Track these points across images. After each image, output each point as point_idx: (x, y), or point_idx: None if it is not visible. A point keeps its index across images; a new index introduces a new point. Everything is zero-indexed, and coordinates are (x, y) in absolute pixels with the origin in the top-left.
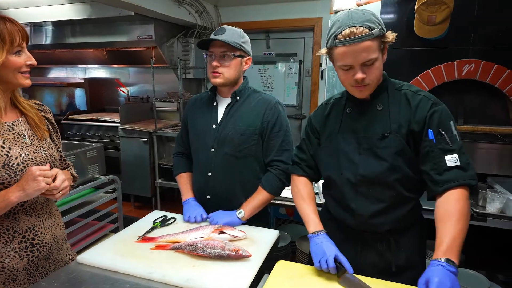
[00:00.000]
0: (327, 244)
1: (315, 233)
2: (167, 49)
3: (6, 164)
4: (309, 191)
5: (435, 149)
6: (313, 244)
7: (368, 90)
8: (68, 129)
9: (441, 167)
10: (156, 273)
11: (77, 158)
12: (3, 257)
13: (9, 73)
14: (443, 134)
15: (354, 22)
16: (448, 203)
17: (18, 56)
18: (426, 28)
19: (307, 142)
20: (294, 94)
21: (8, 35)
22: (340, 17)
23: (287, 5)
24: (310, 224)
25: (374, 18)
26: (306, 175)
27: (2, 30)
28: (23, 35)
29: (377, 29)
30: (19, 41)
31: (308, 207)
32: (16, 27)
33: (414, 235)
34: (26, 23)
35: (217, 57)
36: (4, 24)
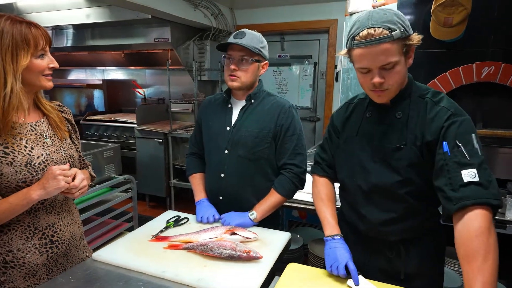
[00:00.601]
0: (341, 250)
1: (330, 236)
2: (183, 51)
3: (28, 163)
4: (328, 192)
5: (450, 163)
6: (327, 248)
7: (387, 95)
8: (86, 129)
9: (456, 183)
10: (169, 272)
11: (94, 158)
12: (24, 252)
13: (32, 75)
14: (460, 147)
15: (373, 23)
16: (469, 233)
17: (41, 59)
18: (442, 30)
19: (328, 141)
20: (308, 96)
21: (32, 39)
22: (360, 17)
23: (302, 7)
24: (327, 227)
25: (397, 19)
26: (327, 175)
27: (27, 35)
28: (46, 39)
29: (399, 30)
30: (43, 45)
31: (326, 209)
32: (40, 31)
33: (427, 244)
34: (48, 27)
35: (235, 60)
36: (29, 28)
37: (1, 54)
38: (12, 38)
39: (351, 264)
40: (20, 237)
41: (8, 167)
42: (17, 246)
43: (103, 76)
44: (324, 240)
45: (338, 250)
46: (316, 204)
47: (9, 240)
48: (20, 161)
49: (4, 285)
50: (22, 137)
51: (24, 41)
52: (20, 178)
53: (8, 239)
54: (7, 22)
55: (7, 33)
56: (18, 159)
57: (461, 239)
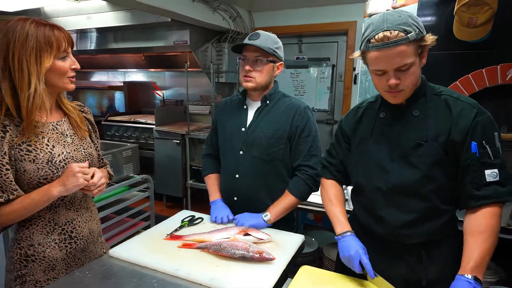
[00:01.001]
0: (353, 245)
1: (341, 235)
2: (201, 53)
3: (49, 161)
4: (336, 192)
5: (476, 163)
6: (340, 247)
7: (402, 96)
8: (107, 129)
9: (480, 182)
10: (182, 270)
11: (113, 157)
12: (45, 247)
13: (55, 77)
14: (486, 148)
15: (388, 26)
16: (480, 219)
17: (63, 61)
18: (466, 31)
19: (336, 147)
20: (326, 98)
21: (55, 41)
22: (375, 20)
23: (321, 9)
24: (337, 225)
25: (412, 21)
26: (335, 178)
27: (50, 37)
28: (69, 41)
29: (414, 32)
30: (65, 47)
31: (335, 208)
32: (62, 34)
33: (448, 248)
34: (73, 30)
35: (250, 61)
36: (53, 31)
37: (26, 56)
38: (36, 41)
39: (365, 258)
40: (41, 232)
41: (30, 164)
42: (38, 240)
43: (124, 78)
44: (336, 239)
45: (351, 245)
46: (325, 205)
47: (31, 234)
48: (42, 159)
49: (25, 277)
50: (44, 136)
51: (47, 43)
52: (41, 175)
53: (30, 234)
54: (32, 25)
55: (32, 35)
56: (40, 157)
57: (473, 217)
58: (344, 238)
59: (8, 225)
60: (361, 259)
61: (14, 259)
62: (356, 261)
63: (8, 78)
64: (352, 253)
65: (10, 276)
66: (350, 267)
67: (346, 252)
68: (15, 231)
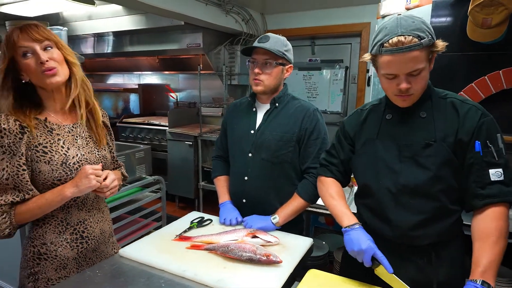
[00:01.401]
0: (364, 239)
1: (349, 226)
2: (214, 56)
3: (64, 163)
4: (338, 190)
5: (480, 162)
6: (348, 240)
7: (411, 100)
8: (122, 131)
9: (484, 181)
10: (189, 271)
11: (126, 158)
12: (57, 246)
13: (32, 76)
14: (490, 147)
15: (403, 31)
16: (487, 221)
17: (25, 59)
18: (480, 31)
19: (337, 147)
20: (339, 101)
21: (7, 41)
22: (388, 24)
23: (334, 11)
24: (343, 218)
25: (425, 27)
26: (334, 177)
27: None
28: (26, 38)
29: (427, 38)
30: (21, 44)
31: (338, 203)
32: (19, 32)
33: (457, 249)
34: (90, 34)
35: (259, 64)
36: (17, 31)
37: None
38: (0, 46)
39: (379, 252)
40: (53, 231)
41: (45, 166)
42: (50, 239)
43: (139, 80)
44: (343, 231)
45: (361, 238)
46: (326, 201)
47: (44, 233)
48: (57, 161)
49: (37, 275)
50: (60, 138)
51: (3, 45)
52: (55, 176)
53: (43, 232)
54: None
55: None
56: (55, 159)
57: (480, 220)
58: (354, 230)
59: (23, 224)
60: (375, 253)
61: (28, 256)
62: (368, 255)
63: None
64: (364, 247)
65: (23, 273)
66: (360, 260)
67: (356, 246)
68: (29, 229)
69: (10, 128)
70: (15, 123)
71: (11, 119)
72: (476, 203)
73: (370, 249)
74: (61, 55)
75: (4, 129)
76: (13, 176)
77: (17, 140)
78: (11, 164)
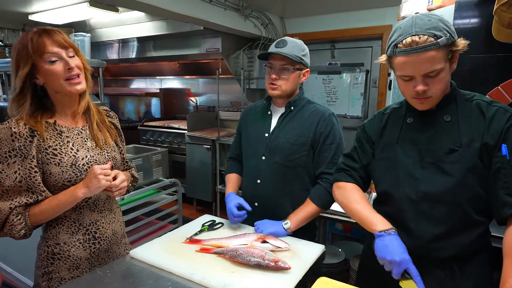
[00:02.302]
0: (401, 249)
1: (384, 231)
2: (233, 60)
3: (73, 164)
4: (363, 195)
5: (507, 166)
6: (381, 245)
7: (430, 102)
8: (143, 134)
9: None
10: (197, 274)
11: (144, 161)
12: (70, 246)
13: (54, 82)
14: None
15: (417, 30)
16: None
17: (52, 65)
18: (507, 32)
19: (359, 151)
20: (359, 105)
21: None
22: (403, 24)
23: (354, 14)
24: (377, 221)
25: (442, 25)
26: (356, 182)
27: (26, 45)
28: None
29: (444, 37)
30: (50, 50)
31: (365, 208)
32: (49, 37)
33: (483, 263)
34: (116, 40)
35: (276, 69)
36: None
37: (13, 65)
38: (16, 51)
39: (413, 267)
40: (66, 231)
41: (56, 167)
42: (64, 239)
43: (161, 85)
44: (376, 235)
45: (396, 249)
46: (351, 208)
47: (57, 234)
48: (66, 162)
49: (51, 274)
50: (69, 140)
51: (24, 50)
52: (65, 177)
53: (56, 233)
54: (27, 35)
55: (15, 47)
56: (64, 160)
57: (509, 237)
58: (390, 235)
59: (38, 225)
60: (408, 268)
61: (42, 256)
62: (401, 268)
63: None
64: (399, 259)
65: (38, 272)
66: (389, 269)
67: (389, 255)
68: (44, 230)
69: (20, 131)
70: (25, 127)
71: (21, 123)
72: (504, 212)
73: (405, 262)
74: (81, 62)
75: (15, 132)
76: (26, 178)
77: (28, 143)
78: (23, 166)
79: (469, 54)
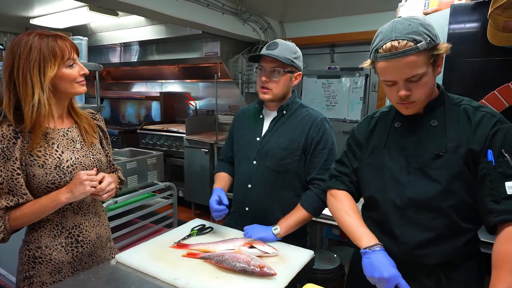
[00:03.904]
0: (388, 265)
1: (370, 248)
2: (232, 64)
3: (57, 166)
4: (353, 206)
5: (493, 173)
6: (367, 263)
7: (414, 107)
8: (142, 137)
9: (499, 195)
10: (181, 280)
11: (138, 164)
12: (51, 249)
13: (66, 84)
14: (506, 157)
15: (397, 35)
16: (503, 243)
17: (71, 68)
18: (502, 35)
19: (349, 156)
20: (358, 109)
21: (59, 50)
22: (384, 28)
23: (353, 18)
24: (363, 237)
25: (423, 29)
26: (347, 189)
27: (53, 47)
28: (73, 49)
29: (425, 41)
30: (70, 55)
31: (354, 221)
32: (66, 43)
33: (470, 271)
34: (117, 44)
35: (266, 72)
36: (55, 41)
37: (30, 68)
38: (39, 52)
39: (404, 282)
40: (48, 235)
41: (39, 169)
42: (45, 243)
43: (161, 88)
44: (362, 252)
45: (384, 264)
46: (340, 218)
47: (39, 237)
48: (50, 164)
49: (32, 279)
50: (54, 142)
51: (50, 54)
52: (49, 179)
53: (38, 236)
54: (35, 38)
55: (35, 48)
56: (48, 162)
57: (496, 247)
58: (375, 252)
59: (18, 229)
60: (399, 283)
61: (23, 260)
62: (391, 285)
63: (12, 91)
64: (387, 275)
65: (19, 276)
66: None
67: (377, 272)
68: (25, 233)
69: (3, 133)
70: (8, 128)
71: (4, 125)
72: (490, 220)
73: (394, 277)
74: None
75: None
76: (8, 180)
77: (11, 145)
78: (5, 168)
79: (464, 58)
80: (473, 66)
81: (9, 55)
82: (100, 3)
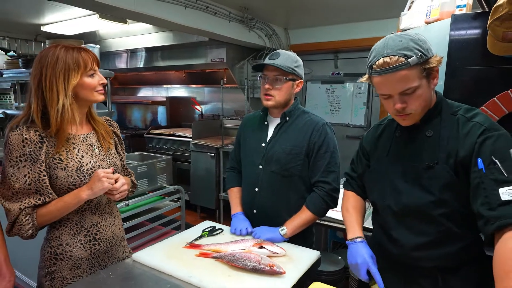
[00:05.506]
0: (361, 253)
1: (351, 240)
2: (237, 70)
3: (78, 169)
4: (354, 203)
5: (486, 181)
6: (348, 253)
7: (411, 119)
8: (149, 142)
9: (494, 201)
10: (195, 277)
11: (148, 168)
12: (71, 246)
13: (87, 91)
14: (497, 163)
15: (388, 51)
16: (501, 249)
17: (92, 78)
18: (501, 45)
19: (356, 162)
20: (362, 114)
21: (82, 62)
22: (378, 45)
23: (357, 25)
24: (350, 230)
25: (413, 45)
26: (355, 191)
27: (77, 58)
28: (95, 61)
29: (415, 56)
30: (92, 66)
31: (349, 216)
32: (88, 55)
33: (470, 275)
34: (124, 50)
35: (269, 80)
36: (79, 53)
37: (56, 76)
38: (65, 63)
39: (373, 267)
40: (69, 233)
41: (62, 172)
42: (66, 240)
43: (167, 93)
44: (347, 244)
45: (358, 252)
46: (342, 214)
47: (60, 235)
48: (72, 167)
49: (54, 274)
50: (75, 147)
51: (75, 64)
52: (71, 181)
53: (59, 234)
54: (61, 50)
55: (61, 59)
56: (70, 165)
57: (498, 258)
58: (355, 243)
59: (44, 226)
60: (369, 267)
61: (45, 257)
62: (363, 269)
63: (40, 97)
64: (359, 261)
65: (41, 272)
66: (357, 275)
67: (353, 259)
68: (47, 231)
69: (31, 138)
70: (35, 133)
71: (32, 130)
72: (487, 228)
73: (364, 263)
74: None
75: (26, 139)
76: (35, 181)
77: (37, 149)
78: (32, 170)
79: (465, 65)
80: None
81: (37, 65)
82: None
